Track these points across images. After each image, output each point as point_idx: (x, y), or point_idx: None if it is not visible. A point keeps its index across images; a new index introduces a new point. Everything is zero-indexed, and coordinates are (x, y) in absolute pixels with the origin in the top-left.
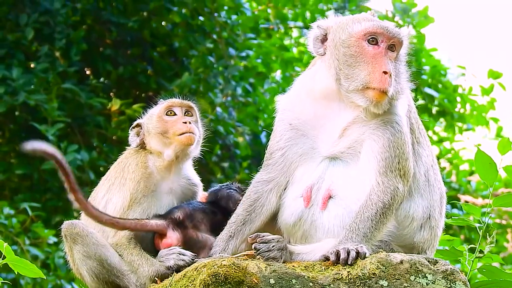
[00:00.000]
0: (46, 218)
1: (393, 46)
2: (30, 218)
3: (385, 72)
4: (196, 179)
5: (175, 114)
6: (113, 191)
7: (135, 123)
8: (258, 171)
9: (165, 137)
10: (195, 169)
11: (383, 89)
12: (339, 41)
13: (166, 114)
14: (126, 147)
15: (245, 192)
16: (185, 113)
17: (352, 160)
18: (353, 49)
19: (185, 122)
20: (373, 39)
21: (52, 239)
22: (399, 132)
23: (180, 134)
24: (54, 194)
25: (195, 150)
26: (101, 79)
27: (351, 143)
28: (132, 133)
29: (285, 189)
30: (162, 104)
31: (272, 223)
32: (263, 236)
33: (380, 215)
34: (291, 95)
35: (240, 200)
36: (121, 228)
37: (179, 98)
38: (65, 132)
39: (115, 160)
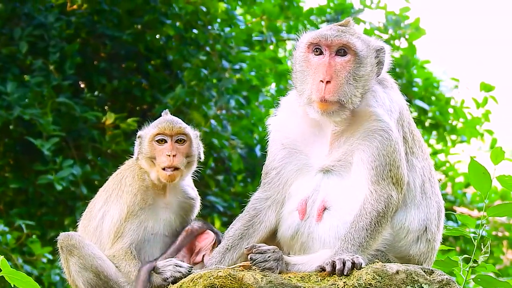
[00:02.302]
0: (41, 233)
1: (342, 50)
2: (25, 235)
3: (321, 81)
4: (193, 193)
5: (165, 142)
6: (110, 203)
7: (138, 133)
8: (253, 183)
9: (152, 162)
10: None
11: (321, 98)
12: (296, 58)
13: (156, 141)
14: (127, 158)
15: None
16: (176, 140)
17: (344, 171)
18: (302, 64)
19: (169, 155)
20: (317, 49)
21: (47, 256)
22: (387, 140)
23: (164, 168)
24: (49, 209)
25: (189, 170)
26: (96, 93)
27: (341, 155)
28: (136, 143)
29: (283, 205)
30: (154, 129)
31: (272, 238)
32: (259, 247)
33: (375, 224)
34: (279, 115)
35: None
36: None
37: (171, 123)
38: (59, 146)
39: (110, 174)
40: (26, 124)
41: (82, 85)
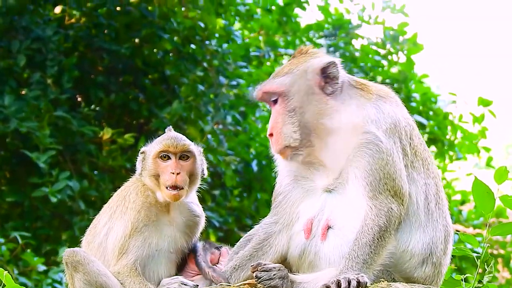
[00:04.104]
0: (36, 246)
1: (272, 101)
2: (20, 246)
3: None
4: (198, 209)
5: (169, 159)
6: (115, 220)
7: (141, 149)
8: (249, 198)
9: (156, 180)
10: None
11: (275, 152)
12: None
13: (160, 158)
14: (123, 174)
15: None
16: (180, 157)
17: (344, 189)
18: None
19: (173, 173)
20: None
21: (41, 268)
22: (377, 152)
23: (167, 187)
24: (45, 222)
25: (193, 188)
26: (93, 106)
27: (339, 173)
28: (139, 159)
29: (292, 227)
30: (158, 146)
31: (283, 261)
32: (265, 265)
33: (378, 239)
34: None
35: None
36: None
37: (175, 140)
38: (56, 160)
39: (106, 189)
40: (22, 137)
41: (80, 99)
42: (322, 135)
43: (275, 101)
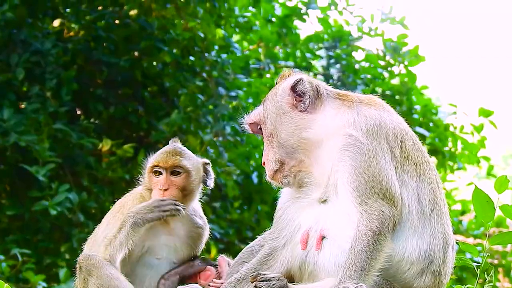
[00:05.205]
0: (36, 260)
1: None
2: (20, 262)
3: (263, 164)
4: (201, 221)
5: (160, 174)
6: (111, 226)
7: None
8: (249, 210)
9: (150, 193)
10: None
11: (268, 178)
12: None
13: (153, 172)
14: (123, 186)
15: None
16: (172, 173)
17: (335, 197)
18: None
19: (161, 189)
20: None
21: (42, 284)
22: (359, 154)
23: None
24: (45, 235)
25: (189, 202)
26: (92, 119)
27: (327, 180)
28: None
29: (293, 239)
30: (152, 160)
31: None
32: (264, 275)
33: (373, 244)
34: None
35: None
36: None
37: (167, 154)
38: (56, 173)
39: (106, 201)
40: (22, 151)
41: (79, 112)
42: (308, 149)
43: (261, 130)
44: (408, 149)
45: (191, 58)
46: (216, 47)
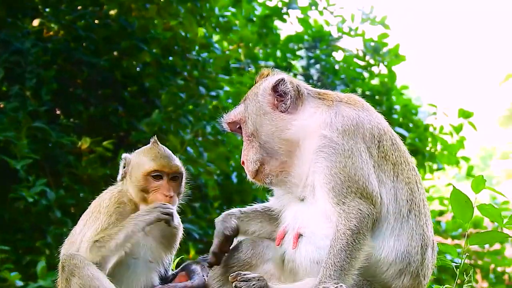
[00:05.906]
0: (16, 259)
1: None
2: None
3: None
4: (175, 220)
5: (161, 178)
6: (88, 226)
7: (124, 155)
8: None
9: (144, 195)
10: None
11: (250, 177)
12: None
13: (152, 176)
14: (103, 184)
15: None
16: (171, 178)
17: (312, 197)
18: None
19: (167, 196)
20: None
21: (19, 283)
22: (333, 155)
23: None
24: (25, 235)
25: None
26: (72, 119)
27: (305, 180)
28: (121, 164)
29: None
30: (151, 163)
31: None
32: (244, 275)
33: (352, 243)
34: None
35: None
36: None
37: (169, 160)
38: (35, 172)
39: (85, 199)
40: (1, 148)
41: (58, 112)
42: (289, 149)
43: (241, 129)
44: (386, 149)
45: (171, 58)
46: (197, 47)
